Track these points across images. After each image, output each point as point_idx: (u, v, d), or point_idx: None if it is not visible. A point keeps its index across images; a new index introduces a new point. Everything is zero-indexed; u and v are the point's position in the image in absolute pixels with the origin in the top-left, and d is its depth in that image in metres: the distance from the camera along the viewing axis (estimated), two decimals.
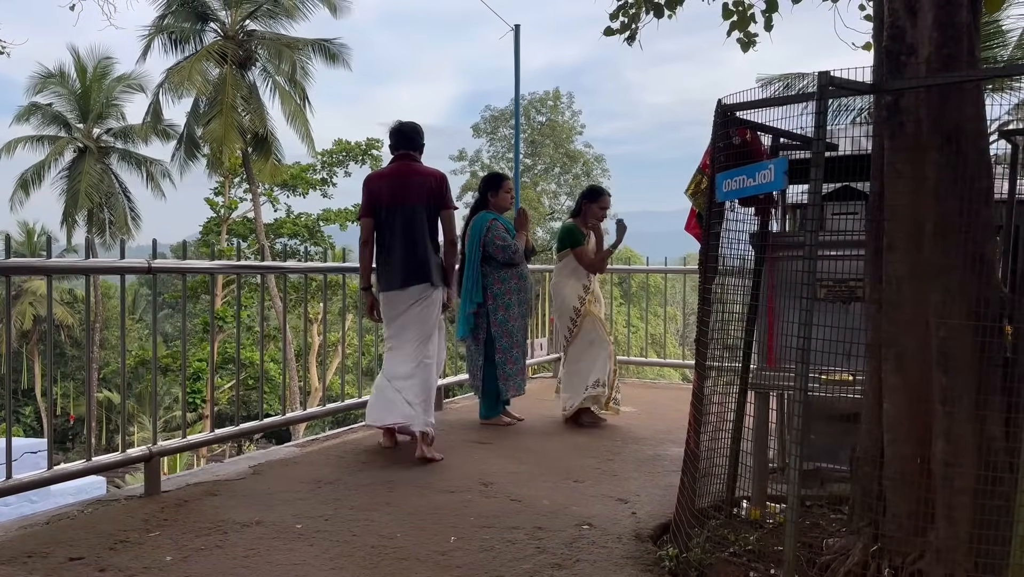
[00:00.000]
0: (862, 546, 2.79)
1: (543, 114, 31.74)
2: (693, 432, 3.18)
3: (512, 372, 5.30)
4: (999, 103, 8.38)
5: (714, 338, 3.20)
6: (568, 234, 5.60)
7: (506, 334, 5.30)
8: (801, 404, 2.51)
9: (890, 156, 2.74)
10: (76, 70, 26.70)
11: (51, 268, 3.55)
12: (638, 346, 8.83)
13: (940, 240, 2.62)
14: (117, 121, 27.56)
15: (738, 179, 2.77)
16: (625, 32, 5.95)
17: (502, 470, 4.21)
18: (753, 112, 3.05)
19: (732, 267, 3.27)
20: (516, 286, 5.34)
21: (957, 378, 2.59)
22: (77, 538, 3.16)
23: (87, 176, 25.44)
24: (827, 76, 2.40)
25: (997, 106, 8.53)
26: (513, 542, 3.16)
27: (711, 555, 2.90)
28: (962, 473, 2.58)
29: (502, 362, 5.31)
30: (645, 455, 4.63)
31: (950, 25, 2.63)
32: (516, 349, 5.32)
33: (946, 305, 2.62)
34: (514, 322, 5.30)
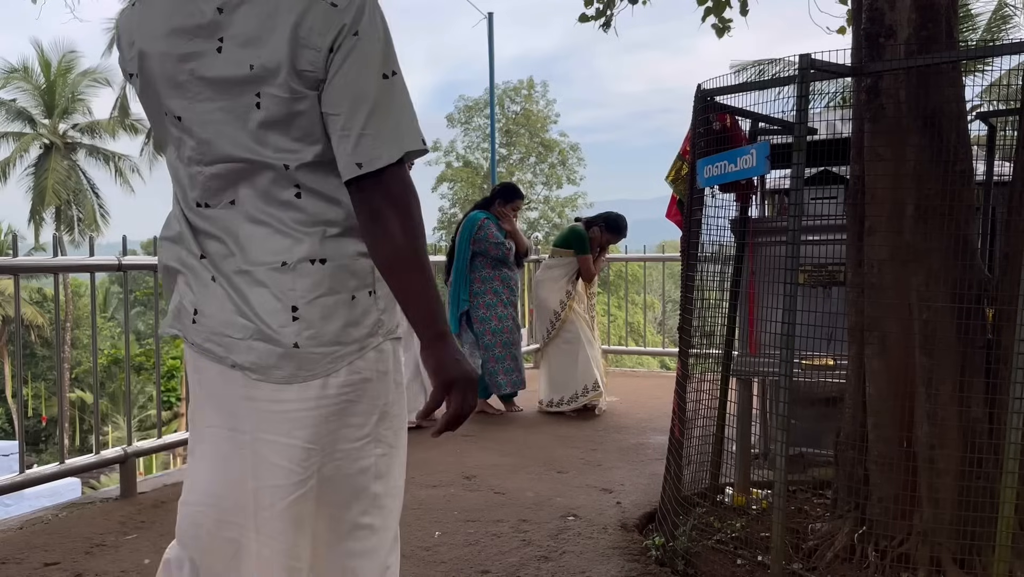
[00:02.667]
0: (847, 530, 2.79)
1: (517, 103, 31.63)
2: (677, 420, 3.16)
3: (495, 370, 5.27)
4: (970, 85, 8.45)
5: (697, 326, 3.19)
6: (578, 239, 5.52)
7: (488, 332, 5.27)
8: (786, 390, 2.50)
9: (870, 139, 2.74)
10: (40, 64, 26.17)
11: (19, 267, 3.45)
12: (617, 335, 8.83)
13: (921, 223, 2.62)
14: (83, 116, 27.09)
15: (719, 164, 2.75)
16: (600, 19, 5.92)
17: (485, 462, 4.18)
18: (728, 97, 3.03)
19: (713, 254, 3.25)
20: (498, 287, 5.31)
21: (940, 360, 2.60)
22: (52, 543, 3.08)
23: (54, 172, 25.00)
24: (808, 59, 2.38)
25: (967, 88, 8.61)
26: (498, 535, 3.13)
27: (697, 543, 2.89)
28: (946, 455, 2.59)
29: (485, 360, 5.28)
30: (628, 444, 4.62)
31: (929, 7, 2.62)
32: (500, 348, 5.28)
33: (928, 288, 2.62)
34: (497, 323, 5.27)
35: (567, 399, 5.35)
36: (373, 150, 1.27)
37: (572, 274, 5.50)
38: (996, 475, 2.38)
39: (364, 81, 1.28)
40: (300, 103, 1.29)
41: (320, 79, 1.28)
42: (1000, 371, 2.55)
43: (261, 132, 1.31)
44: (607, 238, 5.68)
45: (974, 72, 5.81)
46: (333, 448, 1.35)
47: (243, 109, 1.31)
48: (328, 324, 1.33)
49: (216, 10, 1.29)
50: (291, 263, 1.32)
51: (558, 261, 5.56)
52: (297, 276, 1.32)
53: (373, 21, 1.29)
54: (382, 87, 1.28)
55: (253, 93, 1.30)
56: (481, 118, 30.53)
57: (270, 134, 1.31)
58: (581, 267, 5.48)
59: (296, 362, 1.32)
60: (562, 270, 5.51)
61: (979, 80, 3.66)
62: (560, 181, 31.54)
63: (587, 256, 5.49)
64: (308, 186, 1.33)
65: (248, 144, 1.31)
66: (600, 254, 5.74)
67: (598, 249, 5.67)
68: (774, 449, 2.61)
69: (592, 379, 5.31)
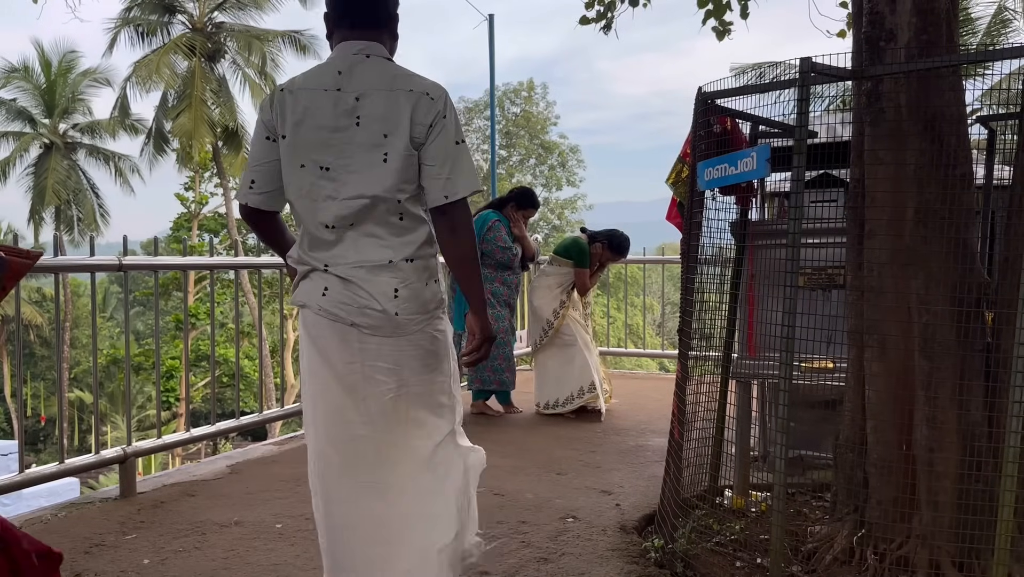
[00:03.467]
0: (847, 533, 2.79)
1: (517, 105, 31.65)
2: (677, 422, 3.16)
3: (482, 367, 5.27)
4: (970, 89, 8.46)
5: (696, 328, 3.19)
6: (580, 252, 5.51)
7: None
8: (786, 393, 2.50)
9: (870, 142, 2.74)
10: (40, 64, 26.17)
11: None
12: (616, 337, 8.83)
13: (921, 226, 2.62)
14: (84, 116, 27.07)
15: (720, 167, 2.75)
16: (601, 21, 5.93)
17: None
18: (729, 100, 3.04)
19: (713, 256, 3.25)
20: (498, 288, 5.31)
21: (939, 364, 2.60)
22: (51, 543, 3.05)
23: (54, 172, 24.98)
24: (809, 62, 2.38)
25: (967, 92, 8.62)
26: (497, 537, 3.13)
27: (697, 545, 2.89)
28: (945, 458, 2.60)
29: (481, 364, 5.30)
30: (627, 446, 4.62)
31: (929, 11, 2.63)
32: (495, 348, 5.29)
33: (928, 291, 2.62)
34: (493, 322, 5.27)
35: (563, 400, 5.35)
36: (454, 188, 2.06)
37: (568, 284, 5.50)
38: (995, 478, 2.38)
39: (448, 145, 2.07)
40: (410, 158, 2.06)
41: (421, 143, 2.06)
42: (999, 375, 2.55)
43: (385, 177, 2.05)
44: (608, 256, 5.66)
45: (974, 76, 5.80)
46: (415, 375, 2.12)
47: (374, 162, 2.06)
48: (414, 301, 2.10)
49: (355, 99, 2.07)
50: (395, 261, 2.09)
51: (556, 270, 5.55)
52: (397, 270, 2.09)
53: (451, 108, 2.11)
54: (458, 149, 2.08)
55: (382, 152, 2.06)
56: (481, 119, 30.53)
57: (391, 179, 2.05)
58: (577, 279, 5.48)
59: (395, 325, 2.09)
60: (558, 279, 5.51)
61: (979, 84, 3.66)
62: (560, 183, 31.56)
63: (585, 270, 5.49)
64: (408, 212, 2.10)
65: (375, 186, 2.05)
66: (598, 270, 5.74)
67: (597, 264, 5.67)
68: (773, 452, 2.61)
69: (589, 380, 5.32)
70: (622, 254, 5.72)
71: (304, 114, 2.09)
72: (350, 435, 2.12)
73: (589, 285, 5.63)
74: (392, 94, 2.06)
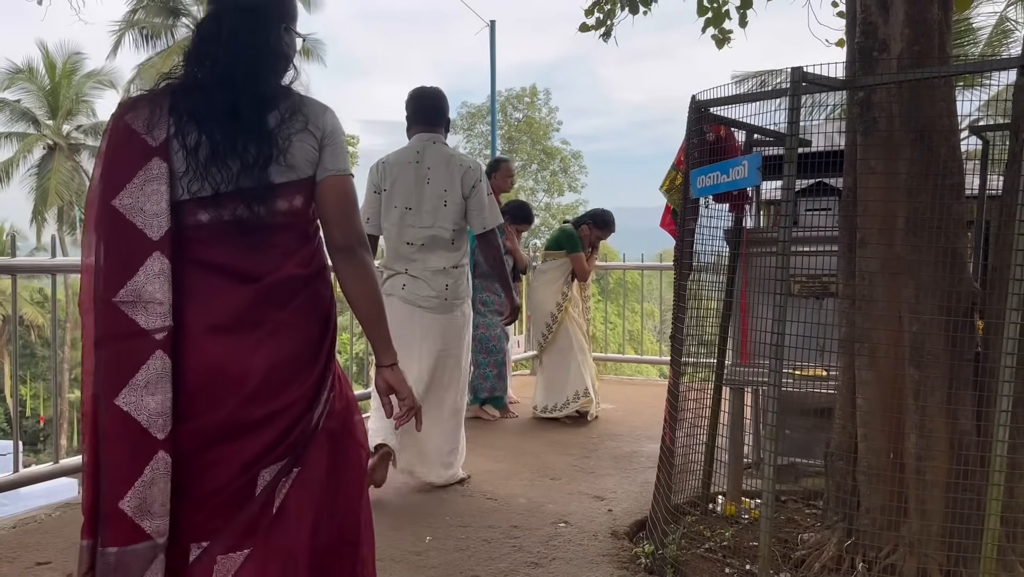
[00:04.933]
0: (836, 541, 2.80)
1: (520, 110, 31.72)
2: (669, 428, 3.18)
3: (475, 375, 5.31)
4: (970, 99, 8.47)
5: (689, 334, 3.20)
6: (569, 238, 5.56)
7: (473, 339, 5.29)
8: (775, 400, 2.51)
9: (863, 152, 2.75)
10: (45, 66, 26.26)
11: (16, 267, 3.47)
12: (616, 343, 8.84)
13: (912, 235, 2.64)
14: (87, 118, 27.15)
15: (712, 175, 2.77)
16: (600, 28, 5.95)
17: (478, 468, 4.19)
18: (727, 108, 3.06)
19: (707, 263, 3.27)
20: (488, 297, 5.34)
21: (929, 372, 2.61)
22: (45, 542, 3.10)
23: (57, 173, 25.05)
24: (800, 72, 2.40)
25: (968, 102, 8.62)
26: (489, 541, 3.15)
27: (687, 551, 2.90)
28: (934, 467, 2.60)
29: (472, 372, 5.33)
30: (622, 452, 4.63)
31: (921, 22, 2.64)
32: (483, 355, 5.31)
33: (918, 300, 2.63)
34: (484, 329, 5.29)
35: (559, 405, 5.36)
36: (487, 222, 3.76)
37: (567, 275, 5.52)
38: (984, 487, 2.39)
39: (482, 198, 3.73)
40: (460, 205, 3.69)
41: (467, 196, 3.70)
42: (989, 384, 2.56)
43: (445, 216, 3.66)
44: (597, 234, 5.72)
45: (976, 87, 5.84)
46: (452, 339, 3.71)
47: (438, 207, 3.66)
48: (456, 291, 3.71)
49: (427, 168, 3.66)
50: (447, 268, 3.69)
51: (551, 264, 5.58)
52: (448, 273, 3.69)
53: (483, 174, 3.78)
54: (489, 199, 3.77)
55: (442, 201, 3.66)
56: (484, 125, 30.59)
57: (448, 218, 3.67)
58: (575, 265, 5.50)
59: (446, 306, 3.68)
60: (556, 272, 5.53)
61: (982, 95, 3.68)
62: (561, 188, 31.61)
63: (579, 254, 5.52)
64: (456, 239, 3.70)
65: (440, 221, 3.66)
66: (592, 252, 5.77)
67: (589, 248, 5.70)
68: (765, 458, 2.62)
69: (583, 385, 5.33)
70: (609, 228, 5.78)
71: (396, 177, 3.69)
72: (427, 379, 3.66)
73: (588, 268, 5.64)
74: (449, 168, 3.68)
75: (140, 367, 1.58)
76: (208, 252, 1.68)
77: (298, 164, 1.70)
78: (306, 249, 1.76)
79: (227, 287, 1.67)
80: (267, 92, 1.72)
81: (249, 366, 1.66)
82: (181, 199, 1.65)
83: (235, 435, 1.65)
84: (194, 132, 1.65)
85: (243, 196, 1.66)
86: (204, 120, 1.65)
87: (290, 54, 1.82)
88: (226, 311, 1.67)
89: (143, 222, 1.61)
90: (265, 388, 1.66)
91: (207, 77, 1.70)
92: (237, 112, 1.65)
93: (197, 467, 1.64)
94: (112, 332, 1.59)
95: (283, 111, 1.70)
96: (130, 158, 1.64)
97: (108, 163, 1.65)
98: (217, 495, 1.65)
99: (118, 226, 1.61)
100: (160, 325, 1.59)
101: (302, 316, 1.73)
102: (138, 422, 1.57)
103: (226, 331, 1.66)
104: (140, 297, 1.59)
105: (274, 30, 1.77)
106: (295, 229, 1.74)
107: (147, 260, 1.60)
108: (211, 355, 1.65)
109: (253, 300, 1.68)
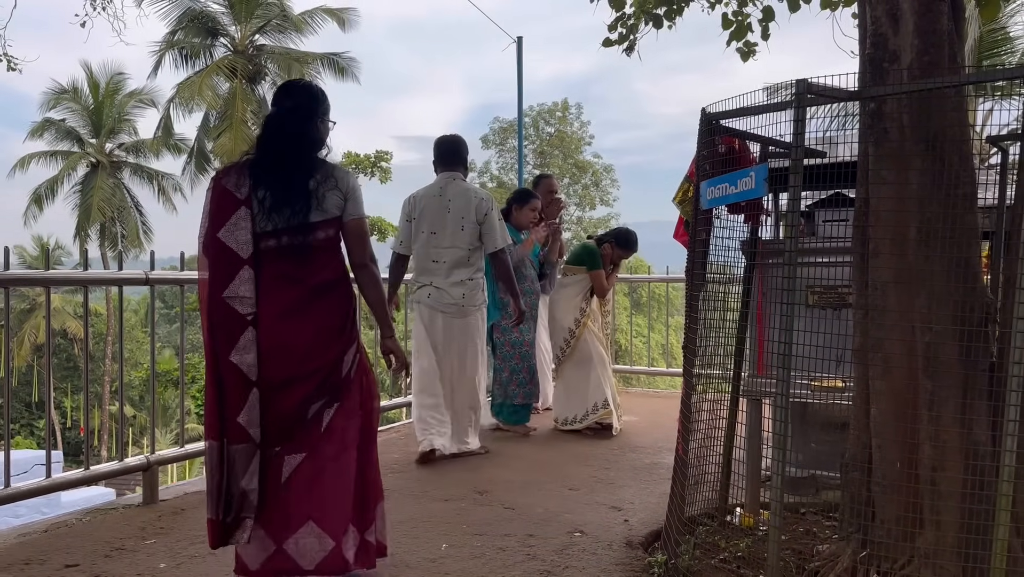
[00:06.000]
0: (851, 552, 2.79)
1: (552, 125, 31.82)
2: (682, 440, 3.19)
3: (508, 381, 5.35)
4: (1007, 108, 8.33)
5: (703, 345, 3.21)
6: (590, 255, 5.59)
7: (507, 344, 5.36)
8: (784, 410, 2.52)
9: (874, 162, 2.76)
10: (89, 86, 27.02)
11: (50, 279, 3.61)
12: (646, 356, 8.81)
13: (924, 246, 2.63)
14: (129, 136, 27.87)
15: (721, 186, 2.79)
16: (624, 43, 5.99)
17: (498, 478, 4.22)
18: (746, 120, 3.07)
19: (721, 274, 3.28)
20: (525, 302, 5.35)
21: (942, 383, 2.60)
22: (74, 545, 3.20)
23: (99, 190, 25.71)
24: (805, 83, 2.42)
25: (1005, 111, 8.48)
26: (504, 549, 3.18)
27: (700, 561, 2.90)
28: (948, 478, 2.58)
29: (500, 370, 5.40)
30: (642, 463, 4.63)
31: (931, 32, 2.65)
32: (517, 360, 5.34)
33: (931, 310, 2.62)
34: (517, 334, 5.33)
35: (579, 417, 5.38)
36: (497, 243, 4.64)
37: (586, 291, 5.54)
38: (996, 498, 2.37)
39: (494, 222, 4.63)
40: (475, 229, 4.61)
41: (480, 222, 4.60)
42: (1003, 394, 2.54)
43: (462, 238, 4.59)
44: (619, 254, 5.75)
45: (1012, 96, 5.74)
46: (467, 337, 4.65)
47: (456, 231, 4.59)
48: (473, 299, 4.64)
49: (448, 200, 4.61)
50: (464, 280, 4.61)
51: (571, 279, 5.61)
52: (464, 284, 4.61)
53: (494, 203, 4.71)
54: (499, 224, 4.68)
55: (460, 226, 4.59)
56: (515, 139, 30.73)
57: (464, 240, 4.59)
58: (594, 283, 5.53)
59: (463, 312, 4.61)
60: (576, 288, 5.56)
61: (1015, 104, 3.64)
62: (593, 202, 31.60)
63: (599, 272, 5.54)
64: (471, 257, 4.64)
65: (458, 242, 4.59)
66: (613, 270, 5.79)
67: (611, 266, 5.72)
68: (772, 468, 2.62)
69: (602, 397, 5.34)
70: (631, 249, 5.80)
71: (424, 207, 4.63)
72: (433, 368, 4.58)
73: (607, 286, 5.67)
74: (466, 198, 4.60)
75: (240, 336, 2.57)
76: (274, 265, 2.64)
77: (330, 209, 2.67)
78: (335, 262, 2.75)
79: (286, 287, 2.64)
80: (307, 165, 2.68)
81: (300, 338, 2.63)
82: (257, 232, 2.62)
83: (293, 381, 2.61)
84: (262, 191, 2.62)
85: (292, 231, 2.63)
86: (268, 183, 2.62)
87: (324, 138, 2.78)
88: (285, 303, 2.63)
89: (236, 247, 2.60)
90: (309, 352, 2.63)
91: (269, 155, 2.67)
92: (289, 179, 2.63)
93: (272, 400, 2.60)
94: (224, 316, 2.58)
95: (319, 177, 2.67)
96: (226, 207, 2.62)
97: (212, 211, 2.64)
98: (285, 418, 2.62)
99: (222, 250, 2.60)
100: (249, 311, 2.58)
101: (333, 306, 2.71)
102: (242, 370, 2.56)
103: (285, 316, 2.63)
104: (238, 294, 2.58)
105: (312, 123, 2.74)
106: (328, 250, 2.72)
107: (240, 271, 2.60)
108: (277, 331, 2.61)
109: (301, 296, 2.65)
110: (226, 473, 2.58)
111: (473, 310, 4.59)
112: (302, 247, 2.64)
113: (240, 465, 2.58)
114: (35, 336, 29.02)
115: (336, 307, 2.70)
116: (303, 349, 2.62)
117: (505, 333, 5.37)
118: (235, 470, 2.58)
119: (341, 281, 2.74)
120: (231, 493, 2.59)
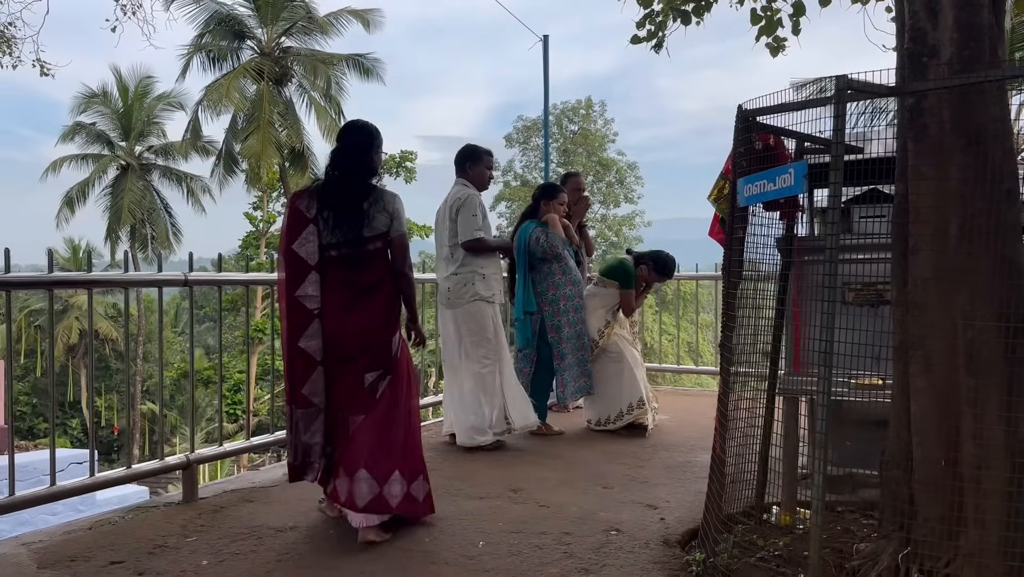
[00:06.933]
0: (892, 550, 2.76)
1: (575, 123, 31.78)
2: (719, 438, 3.18)
3: (569, 378, 5.32)
4: None
5: (740, 343, 3.20)
6: (624, 273, 5.55)
7: (562, 340, 5.32)
8: (824, 408, 2.51)
9: (914, 158, 2.73)
10: (118, 89, 27.41)
11: (92, 281, 3.67)
12: (674, 354, 8.79)
13: (965, 241, 2.60)
14: (158, 138, 28.24)
15: (759, 183, 2.78)
16: (652, 40, 5.97)
17: (532, 476, 4.24)
18: (779, 116, 3.05)
19: (758, 272, 3.27)
20: (571, 292, 5.34)
21: (985, 380, 2.57)
22: (118, 543, 3.26)
23: (130, 193, 26.08)
24: (845, 79, 2.40)
25: None
26: (541, 547, 3.19)
27: (738, 560, 2.90)
28: (992, 476, 2.55)
29: (560, 369, 5.35)
30: (675, 461, 4.62)
31: (971, 26, 2.62)
32: (571, 355, 5.33)
33: (972, 306, 2.59)
34: (569, 328, 5.32)
35: (613, 417, 5.37)
36: (462, 236, 4.91)
37: (613, 306, 5.54)
38: None
39: (466, 216, 4.91)
40: (453, 226, 4.95)
41: (455, 219, 4.94)
42: None
43: (444, 236, 5.03)
44: (654, 277, 5.70)
45: None
46: (468, 331, 4.93)
47: (443, 229, 5.07)
48: (459, 292, 4.94)
49: (449, 208, 5.01)
50: (450, 274, 4.97)
51: (601, 291, 5.59)
52: (448, 279, 4.98)
53: (467, 201, 4.95)
54: (472, 218, 4.92)
55: (444, 225, 5.05)
56: (539, 138, 30.73)
57: (447, 236, 5.00)
58: (622, 300, 5.51)
59: (451, 303, 4.96)
60: (603, 300, 5.55)
61: None
62: (617, 200, 31.51)
63: (630, 292, 5.52)
64: (456, 250, 4.96)
65: (443, 240, 5.06)
66: (644, 291, 5.76)
67: (643, 286, 5.69)
68: (813, 467, 2.61)
69: (637, 396, 5.32)
70: (667, 275, 5.74)
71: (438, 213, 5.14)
72: (448, 352, 5.06)
73: (634, 306, 5.65)
74: (448, 199, 5.06)
75: (308, 327, 3.31)
76: (335, 271, 3.35)
77: (378, 226, 3.38)
78: (381, 268, 3.44)
79: (343, 288, 3.36)
80: (362, 191, 3.38)
81: (354, 327, 3.35)
82: (322, 244, 3.32)
83: (350, 359, 3.35)
84: (326, 211, 3.33)
85: (349, 244, 3.34)
86: (331, 205, 3.34)
87: (376, 168, 3.49)
88: (342, 300, 3.35)
89: (306, 256, 3.31)
90: (361, 338, 3.36)
91: (332, 183, 3.40)
92: (348, 202, 3.34)
93: (336, 374, 3.35)
94: (296, 311, 3.31)
95: (371, 200, 3.37)
96: (298, 224, 3.34)
97: (288, 227, 3.36)
98: (346, 387, 3.35)
99: (295, 258, 3.32)
100: (316, 307, 3.32)
101: (379, 302, 3.41)
102: (309, 353, 3.31)
103: (343, 311, 3.34)
104: (306, 294, 3.31)
105: (367, 156, 3.44)
106: (377, 259, 3.42)
107: (309, 275, 3.32)
108: (337, 322, 3.34)
109: (353, 294, 3.37)
110: (295, 429, 3.33)
111: (461, 303, 4.88)
112: (356, 256, 3.34)
113: (304, 424, 3.33)
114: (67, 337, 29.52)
115: (382, 303, 3.41)
116: (357, 334, 3.34)
117: (558, 330, 5.31)
118: (299, 428, 3.33)
119: (384, 283, 3.43)
120: (299, 444, 3.34)
